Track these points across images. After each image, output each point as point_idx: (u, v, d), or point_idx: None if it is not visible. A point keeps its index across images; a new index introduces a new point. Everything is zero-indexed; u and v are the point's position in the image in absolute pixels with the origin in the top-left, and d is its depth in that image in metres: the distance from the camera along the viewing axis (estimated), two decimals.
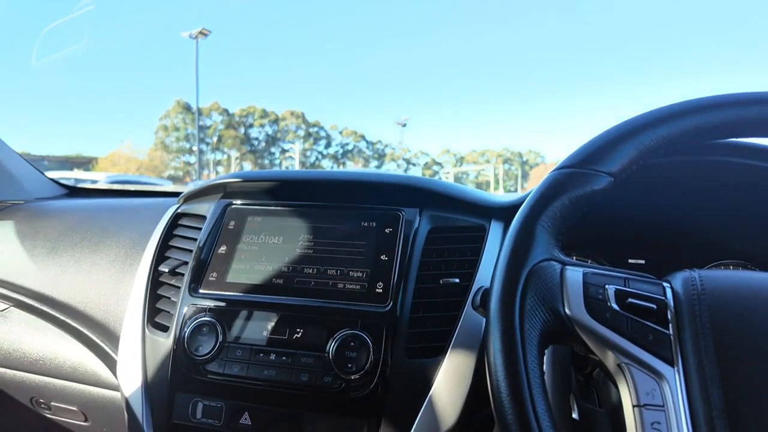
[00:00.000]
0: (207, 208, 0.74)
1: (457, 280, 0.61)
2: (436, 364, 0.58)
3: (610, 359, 0.37)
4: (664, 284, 0.39)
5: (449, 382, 0.56)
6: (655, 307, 0.37)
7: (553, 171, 0.44)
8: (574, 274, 0.40)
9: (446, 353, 0.58)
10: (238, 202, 0.73)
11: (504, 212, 0.68)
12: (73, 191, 1.25)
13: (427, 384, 0.57)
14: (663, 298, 0.38)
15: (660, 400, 0.35)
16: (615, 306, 0.38)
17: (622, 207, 0.58)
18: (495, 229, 0.67)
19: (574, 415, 0.50)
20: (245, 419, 0.60)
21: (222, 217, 0.72)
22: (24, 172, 1.11)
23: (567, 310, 0.38)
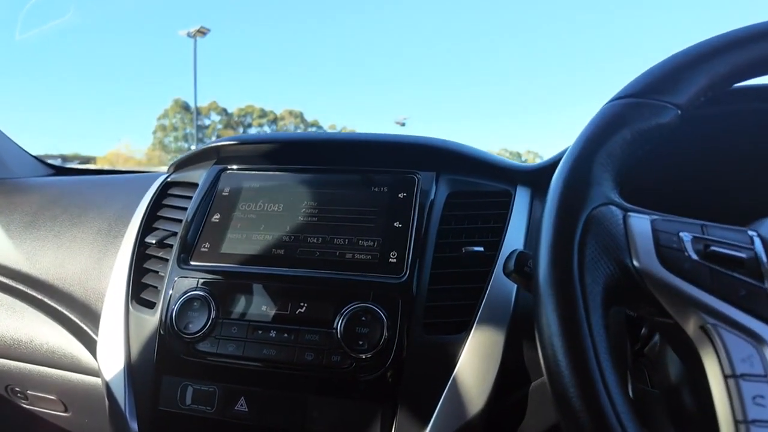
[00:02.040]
0: (199, 175, 0.67)
1: (482, 249, 0.54)
2: (459, 341, 0.51)
3: (690, 321, 0.30)
4: (750, 232, 0.32)
5: (475, 360, 0.49)
6: (744, 256, 0.30)
7: (609, 102, 0.37)
8: (641, 221, 0.33)
9: (471, 329, 0.51)
10: (234, 167, 0.66)
11: (531, 177, 0.61)
12: (60, 171, 1.17)
13: (450, 363, 0.50)
14: (751, 247, 0.31)
15: (761, 369, 0.27)
16: (694, 256, 0.31)
17: (676, 155, 0.51)
18: (522, 195, 0.60)
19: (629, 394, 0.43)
20: (241, 405, 0.53)
21: (216, 183, 0.65)
22: (5, 149, 1.03)
23: (635, 262, 0.31)
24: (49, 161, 1.16)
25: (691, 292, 0.30)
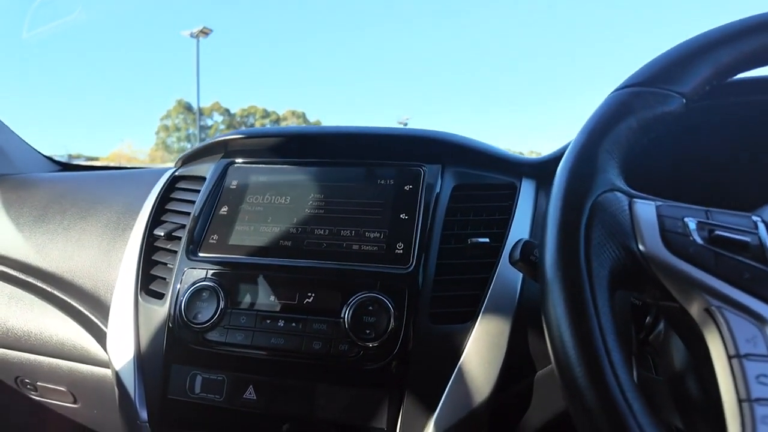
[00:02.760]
0: (207, 169, 0.68)
1: (487, 240, 0.55)
2: (465, 331, 0.51)
3: (695, 303, 0.31)
4: (754, 218, 0.33)
5: (481, 350, 0.50)
6: (748, 240, 0.31)
7: (615, 91, 0.38)
8: (646, 207, 0.33)
9: (476, 319, 0.51)
10: (241, 160, 0.67)
11: (535, 169, 0.62)
12: (67, 168, 1.18)
13: (456, 352, 0.50)
14: (755, 231, 0.32)
15: (764, 349, 0.28)
16: (699, 240, 0.31)
17: (681, 143, 0.52)
18: (527, 188, 0.60)
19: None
20: (250, 393, 0.53)
21: (223, 176, 0.65)
22: (12, 145, 1.04)
23: (641, 246, 0.32)
24: (57, 159, 1.17)
25: (695, 275, 0.30)
